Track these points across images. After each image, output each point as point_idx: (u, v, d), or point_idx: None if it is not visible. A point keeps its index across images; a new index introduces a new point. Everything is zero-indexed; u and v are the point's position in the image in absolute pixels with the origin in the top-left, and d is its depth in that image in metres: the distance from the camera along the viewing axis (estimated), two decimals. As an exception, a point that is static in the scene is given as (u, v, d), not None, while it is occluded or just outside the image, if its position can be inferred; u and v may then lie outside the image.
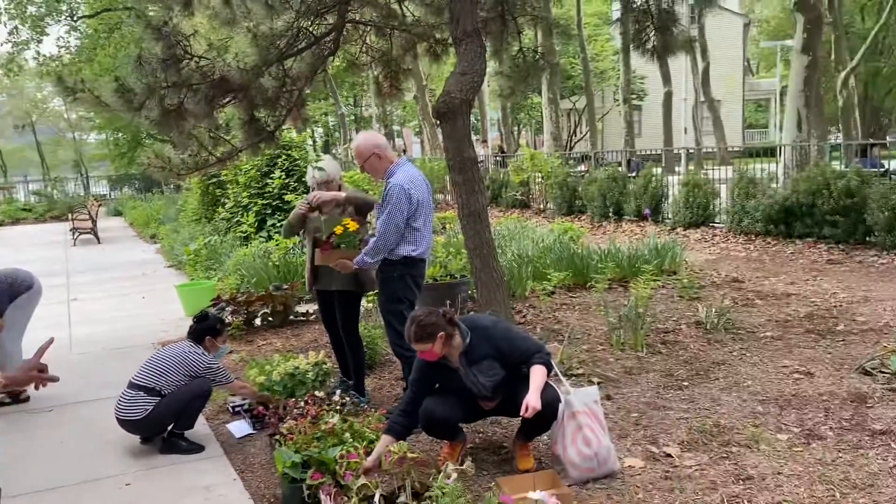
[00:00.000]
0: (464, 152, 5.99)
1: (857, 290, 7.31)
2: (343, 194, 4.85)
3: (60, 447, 4.50)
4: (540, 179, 16.14)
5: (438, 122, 6.24)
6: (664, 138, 27.67)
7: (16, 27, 25.76)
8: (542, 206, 16.03)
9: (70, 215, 18.11)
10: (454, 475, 3.28)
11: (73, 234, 16.59)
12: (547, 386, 3.64)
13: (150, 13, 7.09)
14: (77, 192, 30.36)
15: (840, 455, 3.75)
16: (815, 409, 4.35)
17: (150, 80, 5.57)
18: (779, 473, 3.59)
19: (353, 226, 4.62)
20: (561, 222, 12.03)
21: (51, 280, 9.98)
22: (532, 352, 3.70)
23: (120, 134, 33.03)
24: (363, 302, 5.28)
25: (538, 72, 8.36)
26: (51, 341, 2.09)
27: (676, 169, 19.56)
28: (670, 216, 12.46)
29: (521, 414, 3.49)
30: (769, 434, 4.05)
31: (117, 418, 4.24)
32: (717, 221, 11.74)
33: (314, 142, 37.08)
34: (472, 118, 21.53)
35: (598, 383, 4.90)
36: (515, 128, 42.13)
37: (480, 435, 4.26)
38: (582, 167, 17.65)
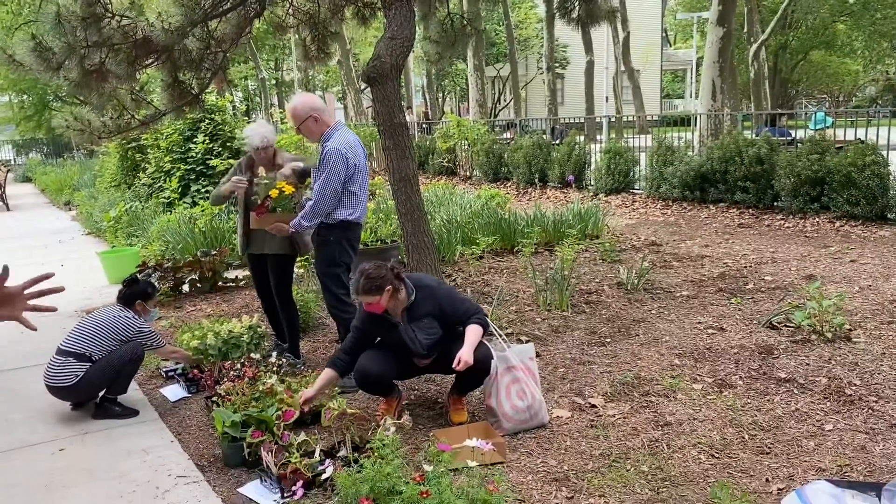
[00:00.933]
0: (394, 117, 6.03)
1: (766, 252, 7.77)
2: (300, 164, 4.83)
3: (-15, 416, 4.39)
4: (466, 146, 16.27)
5: (368, 86, 6.25)
6: (586, 106, 28.24)
7: None
8: (468, 173, 16.19)
9: (-25, 181, 17.18)
10: (393, 428, 3.41)
11: (-21, 201, 15.79)
12: (480, 344, 3.79)
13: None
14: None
15: (749, 401, 4.06)
16: (726, 361, 4.67)
17: (70, 38, 5.37)
18: (694, 419, 3.87)
19: (288, 189, 4.62)
20: (487, 189, 12.22)
21: (-41, 248, 9.54)
22: (471, 312, 3.85)
23: (25, 96, 31.32)
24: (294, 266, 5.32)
25: (465, 38, 8.42)
26: (5, 269, 1.72)
27: (598, 137, 20.04)
28: (593, 183, 12.82)
29: (454, 367, 3.63)
30: (685, 384, 4.33)
31: (47, 385, 4.17)
32: (637, 188, 12.17)
33: (234, 106, 36.05)
34: (398, 84, 21.37)
35: (527, 341, 5.10)
36: (440, 94, 42.07)
37: (415, 392, 4.40)
38: (507, 134, 17.91)
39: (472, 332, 3.75)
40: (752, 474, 3.28)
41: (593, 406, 4.09)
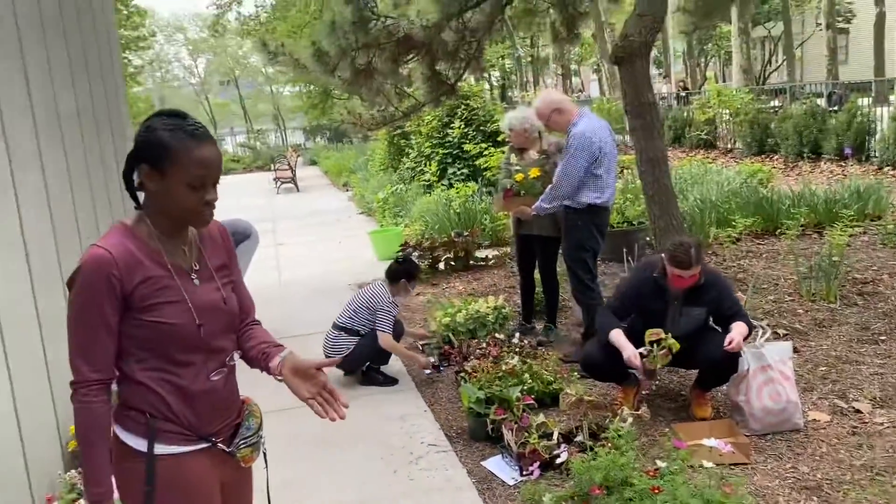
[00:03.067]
0: (642, 97, 5.89)
1: None
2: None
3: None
4: (727, 117, 15.26)
5: (616, 65, 6.17)
6: (875, 65, 24.86)
7: (219, -9, 28.10)
8: (729, 146, 15.19)
9: (272, 165, 19.77)
10: (630, 419, 3.43)
11: (276, 183, 18.14)
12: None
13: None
14: (277, 143, 32.82)
15: None
16: None
17: (343, 42, 5.99)
18: (985, 436, 3.38)
19: (534, 173, 4.79)
20: (750, 163, 11.39)
21: (260, 226, 11.00)
22: (742, 312, 3.76)
23: (311, 86, 35.07)
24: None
25: (725, 4, 7.92)
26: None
27: (892, 98, 17.58)
28: (877, 154, 11.36)
29: (724, 346, 3.53)
30: (978, 394, 3.78)
31: (325, 355, 4.77)
32: (935, 158, 10.56)
33: (491, 87, 37.24)
34: (654, 51, 20.59)
35: (784, 335, 4.77)
36: (702, 60, 39.63)
37: (657, 382, 4.34)
38: (775, 102, 16.40)
39: (741, 325, 3.64)
40: None
41: (858, 411, 3.74)
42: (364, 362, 4.77)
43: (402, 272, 4.89)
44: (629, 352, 3.63)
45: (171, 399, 1.77)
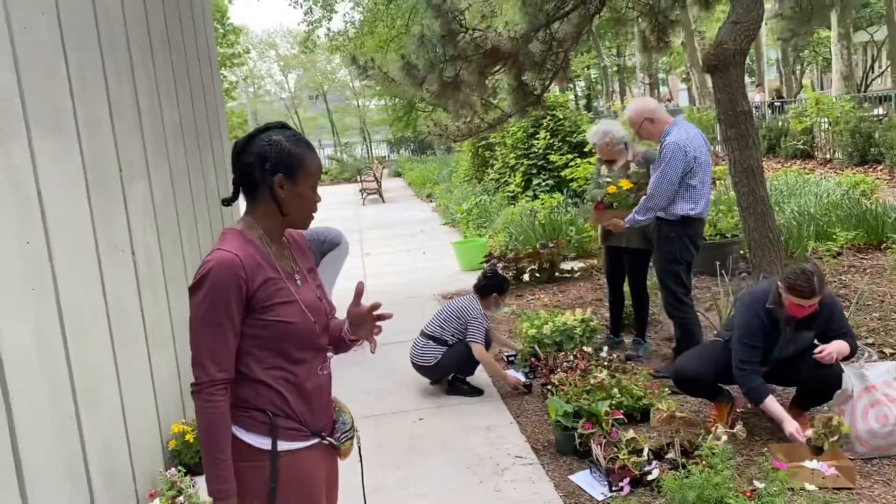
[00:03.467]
0: (736, 105, 5.70)
1: None
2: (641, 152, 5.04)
3: (364, 383, 5.23)
4: (826, 126, 14.60)
5: (709, 73, 6.01)
6: None
7: (310, 8, 28.95)
8: (827, 156, 14.52)
9: (358, 177, 20.18)
10: (724, 437, 3.31)
11: (362, 194, 18.50)
12: (835, 364, 3.49)
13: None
14: (363, 155, 33.51)
15: None
16: None
17: (431, 55, 6.07)
18: None
19: (626, 185, 4.72)
20: (851, 174, 10.86)
21: (347, 236, 11.35)
22: (849, 333, 3.61)
23: (396, 100, 35.65)
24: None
25: (824, 10, 7.58)
26: (360, 286, 1.98)
27: None
28: None
29: (815, 353, 3.41)
30: None
31: (412, 363, 4.83)
32: None
33: (576, 97, 36.91)
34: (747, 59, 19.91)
35: (891, 354, 4.52)
36: (798, 66, 38.11)
37: (752, 400, 4.18)
38: (879, 110, 15.58)
39: (842, 343, 3.50)
40: None
41: (976, 438, 3.49)
42: (450, 372, 4.79)
43: (493, 286, 4.89)
44: (792, 427, 3.37)
45: (290, 396, 1.86)
